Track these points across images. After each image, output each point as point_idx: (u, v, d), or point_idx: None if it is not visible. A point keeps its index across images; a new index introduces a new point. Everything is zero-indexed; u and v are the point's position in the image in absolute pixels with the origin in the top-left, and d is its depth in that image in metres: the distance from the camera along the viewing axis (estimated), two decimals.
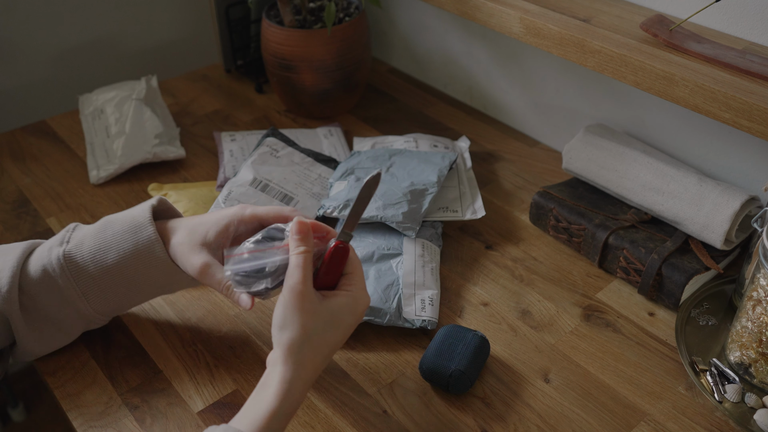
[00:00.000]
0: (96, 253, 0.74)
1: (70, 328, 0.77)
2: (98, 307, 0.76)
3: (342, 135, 1.16)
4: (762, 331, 0.73)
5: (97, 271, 0.73)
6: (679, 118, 0.97)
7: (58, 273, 0.73)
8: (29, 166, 1.11)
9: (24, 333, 0.73)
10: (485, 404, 0.76)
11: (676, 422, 0.74)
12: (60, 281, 0.73)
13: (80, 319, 0.76)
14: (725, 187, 0.86)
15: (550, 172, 1.10)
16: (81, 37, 1.35)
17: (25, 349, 0.75)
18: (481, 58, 1.21)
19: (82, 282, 0.73)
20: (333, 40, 1.13)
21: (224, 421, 0.73)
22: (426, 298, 0.85)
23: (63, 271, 0.73)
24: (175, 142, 1.12)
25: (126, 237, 0.74)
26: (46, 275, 0.73)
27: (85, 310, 0.75)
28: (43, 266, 0.73)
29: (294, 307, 0.64)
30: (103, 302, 0.75)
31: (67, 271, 0.73)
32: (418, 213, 0.92)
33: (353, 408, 0.75)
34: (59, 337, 0.77)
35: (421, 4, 1.27)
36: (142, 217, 0.75)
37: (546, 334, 0.83)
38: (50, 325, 0.75)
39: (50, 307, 0.74)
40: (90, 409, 0.75)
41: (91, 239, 0.74)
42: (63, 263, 0.73)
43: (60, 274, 0.73)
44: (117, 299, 0.76)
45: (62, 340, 0.78)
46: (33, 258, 0.74)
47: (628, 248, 0.88)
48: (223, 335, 0.83)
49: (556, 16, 0.94)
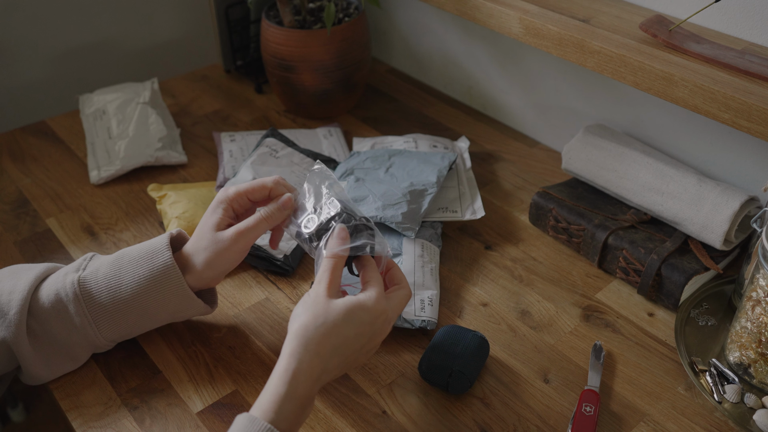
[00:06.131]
0: (111, 280, 0.74)
1: (78, 355, 0.76)
2: (107, 334, 0.76)
3: (341, 135, 1.16)
4: (761, 331, 0.73)
5: (109, 300, 0.74)
6: (678, 119, 0.97)
7: (71, 299, 0.73)
8: (29, 166, 1.12)
9: (30, 358, 0.73)
10: (485, 404, 0.76)
11: (676, 422, 0.74)
12: (71, 308, 0.73)
13: (88, 346, 0.76)
14: (724, 188, 0.86)
15: (549, 172, 1.10)
16: (81, 38, 1.35)
17: (31, 374, 0.75)
18: (481, 58, 1.21)
19: (93, 310, 0.74)
20: (332, 41, 1.13)
21: (223, 421, 0.74)
22: (425, 299, 0.85)
23: (76, 298, 0.73)
24: (177, 146, 1.12)
25: (142, 263, 0.75)
26: (58, 301, 0.73)
27: (94, 337, 0.75)
28: (56, 291, 0.73)
29: (315, 300, 0.67)
30: (112, 330, 0.76)
31: (80, 297, 0.73)
32: (418, 213, 0.92)
33: (353, 408, 0.75)
34: (67, 363, 0.76)
35: (420, 5, 1.27)
36: (160, 244, 0.76)
37: (545, 335, 0.83)
38: (58, 350, 0.75)
39: (59, 333, 0.74)
40: (89, 409, 0.75)
41: (107, 267, 0.75)
42: (77, 289, 0.73)
43: (72, 299, 0.73)
44: (127, 327, 0.76)
45: (69, 366, 0.77)
46: (47, 283, 0.74)
47: (627, 248, 0.88)
48: (222, 336, 0.83)
49: (556, 17, 0.94)
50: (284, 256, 0.90)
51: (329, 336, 0.65)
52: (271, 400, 0.62)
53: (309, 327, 0.65)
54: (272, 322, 0.85)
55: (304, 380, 0.63)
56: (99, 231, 0.99)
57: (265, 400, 0.62)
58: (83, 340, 0.75)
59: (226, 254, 0.75)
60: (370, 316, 0.67)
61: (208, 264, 0.75)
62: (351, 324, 0.66)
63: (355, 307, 0.67)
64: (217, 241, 0.75)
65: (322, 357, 0.65)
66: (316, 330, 0.65)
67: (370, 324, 0.67)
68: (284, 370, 0.63)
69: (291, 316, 0.67)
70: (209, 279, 0.77)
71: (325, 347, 0.65)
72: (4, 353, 0.73)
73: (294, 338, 0.65)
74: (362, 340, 0.67)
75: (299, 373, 0.63)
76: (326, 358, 0.65)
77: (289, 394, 0.62)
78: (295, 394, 0.63)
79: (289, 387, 0.62)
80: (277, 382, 0.63)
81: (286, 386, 0.62)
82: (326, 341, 0.65)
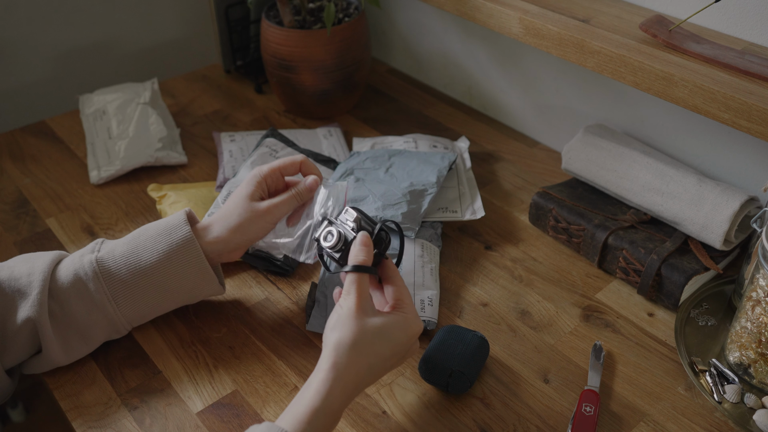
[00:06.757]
0: (129, 257, 0.76)
1: (94, 337, 0.77)
2: (126, 312, 0.76)
3: (341, 135, 1.16)
4: (761, 331, 0.73)
5: (129, 275, 0.75)
6: (678, 119, 0.97)
7: (90, 277, 0.74)
8: (29, 166, 1.11)
9: (51, 340, 0.74)
10: (484, 405, 0.76)
11: (676, 422, 0.74)
12: (91, 285, 0.74)
13: (106, 327, 0.77)
14: (724, 188, 0.86)
15: (549, 172, 1.10)
16: (81, 38, 1.35)
17: (49, 358, 0.75)
18: (481, 58, 1.21)
19: (113, 286, 0.75)
20: (332, 41, 1.13)
21: (223, 421, 0.74)
22: (425, 299, 0.85)
23: (95, 276, 0.74)
24: (178, 147, 1.12)
25: (160, 239, 0.77)
26: (78, 280, 0.74)
27: (114, 315, 0.76)
28: (74, 271, 0.74)
29: (348, 315, 0.67)
30: (131, 308, 0.76)
31: (100, 275, 0.74)
32: (418, 213, 0.92)
33: (353, 408, 0.75)
34: (82, 346, 0.77)
35: (420, 5, 1.27)
36: (177, 219, 0.78)
37: (545, 335, 0.83)
38: (75, 333, 0.75)
39: (78, 313, 0.74)
40: (89, 409, 0.75)
41: (123, 246, 0.77)
42: (96, 268, 0.74)
43: (92, 277, 0.74)
44: (145, 305, 0.77)
45: (84, 350, 0.78)
46: (63, 265, 0.75)
47: (627, 249, 0.88)
48: (222, 336, 0.83)
49: (556, 17, 0.94)
50: (284, 257, 0.91)
51: (367, 356, 0.66)
52: (305, 412, 0.62)
53: (346, 344, 0.65)
54: (272, 322, 0.85)
55: (340, 395, 0.64)
56: (99, 231, 0.99)
57: (298, 412, 0.62)
58: (102, 319, 0.76)
59: (257, 222, 0.79)
60: (406, 336, 0.69)
61: (239, 228, 0.78)
62: (388, 343, 0.68)
63: (393, 328, 0.68)
64: (251, 209, 0.79)
65: (359, 375, 0.66)
66: (353, 348, 0.65)
67: (405, 344, 0.70)
68: (321, 384, 0.64)
69: (326, 326, 0.68)
70: (234, 245, 0.79)
71: (362, 366, 0.66)
72: (28, 334, 0.73)
73: (332, 353, 0.65)
74: (395, 358, 0.70)
75: (336, 388, 0.64)
76: (362, 375, 0.66)
77: (324, 409, 0.63)
78: (329, 409, 0.63)
79: (324, 402, 0.63)
80: (313, 396, 0.63)
81: (322, 401, 0.63)
82: (363, 360, 0.66)
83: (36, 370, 0.77)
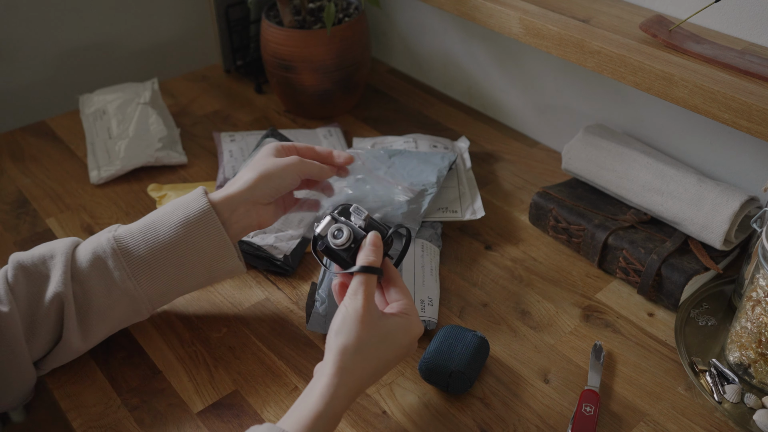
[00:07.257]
0: (147, 232, 0.76)
1: (114, 318, 0.76)
2: (147, 288, 0.76)
3: (341, 135, 1.16)
4: (761, 331, 0.73)
5: (147, 250, 0.75)
6: (678, 119, 0.97)
7: (109, 254, 0.74)
8: (29, 166, 1.12)
9: (73, 321, 0.74)
10: (485, 405, 0.76)
11: (676, 423, 0.74)
12: (110, 262, 0.74)
13: (127, 307, 0.76)
14: (724, 188, 0.86)
15: (549, 172, 1.10)
16: (81, 38, 1.35)
17: (69, 343, 0.74)
18: (481, 58, 1.21)
19: (132, 262, 0.75)
20: (332, 41, 1.13)
21: (223, 421, 0.74)
22: (425, 299, 0.85)
23: (114, 252, 0.74)
24: (178, 147, 1.12)
25: (177, 213, 0.77)
26: (97, 258, 0.74)
27: (135, 291, 0.75)
28: (93, 250, 0.75)
29: (354, 318, 0.66)
30: (151, 284, 0.76)
31: (118, 251, 0.75)
32: (418, 213, 0.92)
33: (352, 408, 0.75)
34: (101, 329, 0.76)
35: (420, 5, 1.27)
36: (194, 194, 0.78)
37: (545, 335, 0.83)
38: (95, 314, 0.75)
39: (99, 291, 0.74)
40: (89, 409, 0.75)
41: (140, 224, 0.77)
42: (114, 245, 0.75)
43: (111, 254, 0.74)
44: (166, 280, 0.77)
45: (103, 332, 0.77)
46: (81, 246, 0.76)
47: (627, 249, 0.88)
48: (222, 336, 0.83)
49: (556, 17, 0.94)
50: (284, 256, 0.91)
51: (371, 360, 0.66)
52: (308, 416, 0.62)
53: (352, 349, 0.65)
54: (272, 323, 0.85)
55: (343, 399, 0.64)
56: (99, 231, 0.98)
57: (301, 416, 0.62)
58: (123, 297, 0.75)
59: (282, 172, 0.79)
60: (409, 339, 0.70)
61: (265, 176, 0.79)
62: (392, 347, 0.68)
63: (396, 331, 0.68)
64: (276, 163, 0.80)
65: (363, 378, 0.66)
66: (359, 353, 0.65)
67: (407, 347, 0.70)
68: (326, 389, 0.64)
69: (330, 328, 0.68)
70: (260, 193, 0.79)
71: (367, 370, 0.66)
72: (56, 315, 0.73)
73: (337, 358, 0.65)
74: (397, 360, 0.70)
75: (340, 393, 0.64)
76: (365, 378, 0.67)
77: (327, 413, 0.63)
78: (332, 413, 0.63)
79: (327, 406, 0.63)
80: (317, 400, 0.63)
81: (326, 405, 0.63)
82: (368, 365, 0.66)
83: (55, 363, 0.76)
